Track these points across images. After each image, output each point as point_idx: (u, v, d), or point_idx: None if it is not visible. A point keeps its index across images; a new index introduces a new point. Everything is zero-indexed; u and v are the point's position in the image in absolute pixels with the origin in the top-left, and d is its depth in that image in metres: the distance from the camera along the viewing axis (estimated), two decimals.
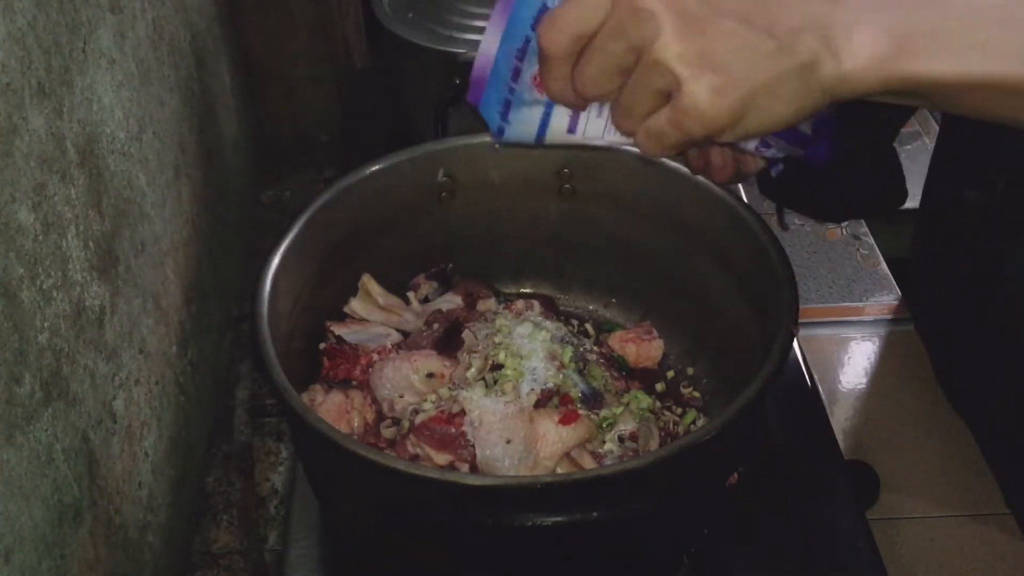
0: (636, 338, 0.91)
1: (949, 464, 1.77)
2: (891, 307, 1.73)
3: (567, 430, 0.73)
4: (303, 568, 0.80)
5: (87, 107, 0.69)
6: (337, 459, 0.64)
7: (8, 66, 0.57)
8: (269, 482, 0.93)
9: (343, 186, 0.84)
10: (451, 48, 1.07)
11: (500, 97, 0.57)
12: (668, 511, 0.66)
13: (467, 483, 0.62)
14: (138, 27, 0.83)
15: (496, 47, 0.56)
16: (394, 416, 0.80)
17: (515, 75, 0.56)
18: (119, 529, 0.71)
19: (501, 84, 0.57)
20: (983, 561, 1.62)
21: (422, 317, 0.89)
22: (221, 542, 0.88)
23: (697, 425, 0.84)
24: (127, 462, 0.73)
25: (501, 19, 0.56)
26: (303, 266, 0.80)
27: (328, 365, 0.83)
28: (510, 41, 0.56)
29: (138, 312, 0.78)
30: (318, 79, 1.35)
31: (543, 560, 0.68)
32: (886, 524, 1.67)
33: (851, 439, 1.79)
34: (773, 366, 0.66)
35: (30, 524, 0.57)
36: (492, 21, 0.56)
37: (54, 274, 0.62)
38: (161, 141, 0.87)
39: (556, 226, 0.93)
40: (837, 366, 1.81)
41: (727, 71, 0.49)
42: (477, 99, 0.58)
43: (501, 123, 0.58)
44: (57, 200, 0.63)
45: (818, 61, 0.48)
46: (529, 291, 0.98)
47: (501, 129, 0.58)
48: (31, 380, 0.58)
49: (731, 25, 0.49)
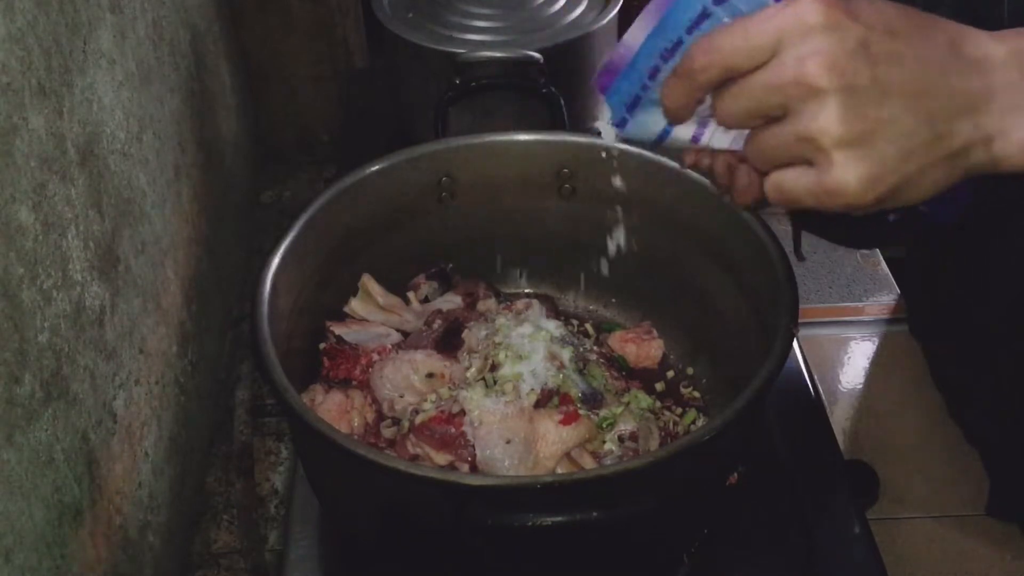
0: (636, 338, 0.91)
1: (949, 464, 1.76)
2: (891, 307, 1.73)
3: (567, 430, 0.73)
4: (303, 568, 0.80)
5: (87, 107, 0.69)
6: (337, 459, 0.64)
7: (8, 66, 0.57)
8: (269, 482, 0.93)
9: (343, 186, 0.84)
10: (451, 48, 1.07)
11: (631, 91, 0.56)
12: (668, 511, 0.66)
13: (467, 483, 0.62)
14: (138, 27, 0.83)
15: (641, 41, 0.54)
16: (394, 416, 0.80)
17: (653, 73, 0.54)
18: (119, 529, 0.71)
19: (636, 78, 0.55)
20: (983, 561, 1.62)
21: (422, 317, 0.89)
22: (221, 542, 0.88)
23: (697, 425, 0.84)
24: (127, 462, 0.73)
25: (655, 15, 0.54)
26: (303, 266, 0.80)
27: (328, 365, 0.83)
28: (658, 39, 0.54)
29: (138, 312, 0.78)
30: (318, 79, 1.35)
31: (543, 560, 0.68)
32: (886, 524, 1.66)
33: (851, 439, 1.79)
34: (773, 366, 0.66)
35: (30, 524, 0.57)
36: (644, 15, 0.54)
37: (54, 274, 0.62)
38: (161, 141, 0.87)
39: (556, 226, 0.93)
40: (837, 366, 1.81)
41: (882, 161, 0.47)
42: (606, 87, 0.57)
43: (625, 115, 0.57)
44: (57, 200, 0.63)
45: (970, 148, 0.48)
46: (529, 291, 0.98)
47: (624, 121, 0.57)
48: (31, 380, 0.58)
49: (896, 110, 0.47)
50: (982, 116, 0.48)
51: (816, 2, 0.48)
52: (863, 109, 0.47)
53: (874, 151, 0.47)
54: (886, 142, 0.47)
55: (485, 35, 1.13)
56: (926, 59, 0.48)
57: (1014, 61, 0.48)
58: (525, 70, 1.03)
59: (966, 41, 0.48)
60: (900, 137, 0.47)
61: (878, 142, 0.47)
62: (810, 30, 0.47)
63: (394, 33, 1.10)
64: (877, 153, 0.47)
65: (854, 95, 0.47)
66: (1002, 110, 0.47)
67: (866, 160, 0.47)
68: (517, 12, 1.16)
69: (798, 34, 0.47)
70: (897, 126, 0.47)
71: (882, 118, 0.47)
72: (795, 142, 0.48)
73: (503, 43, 1.10)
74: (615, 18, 1.12)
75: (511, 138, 0.90)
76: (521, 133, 0.90)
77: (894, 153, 0.47)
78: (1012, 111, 0.47)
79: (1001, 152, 0.48)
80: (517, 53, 1.03)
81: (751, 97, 0.49)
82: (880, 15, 0.48)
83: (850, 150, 0.47)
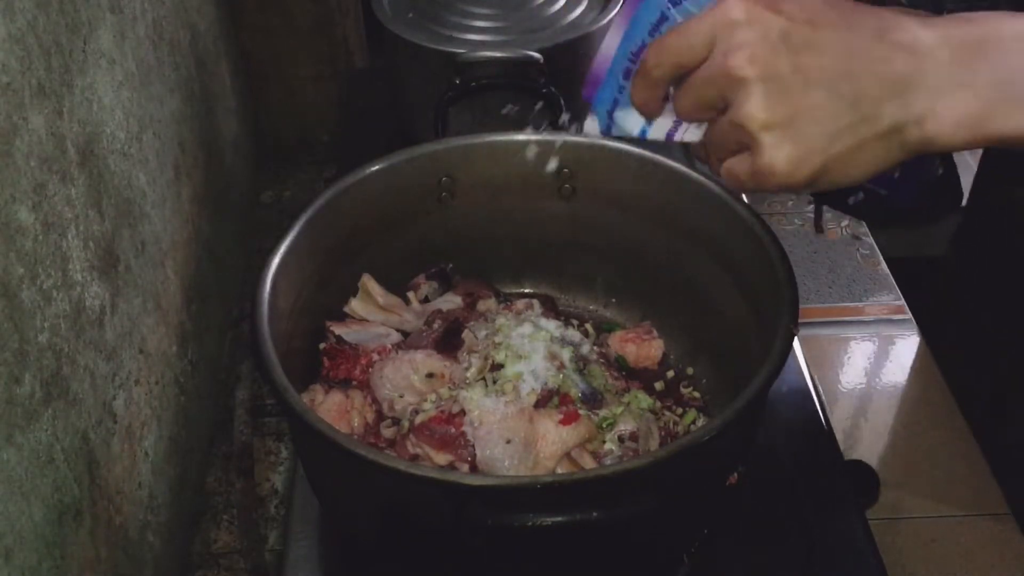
0: (636, 338, 0.91)
1: (949, 464, 1.77)
2: (891, 307, 1.73)
3: (567, 430, 0.73)
4: (303, 568, 0.80)
5: (87, 107, 0.69)
6: (337, 459, 0.64)
7: (8, 66, 0.57)
8: (269, 482, 0.93)
9: (343, 186, 0.84)
10: (451, 48, 1.07)
11: (611, 96, 0.60)
12: (668, 511, 0.66)
13: (467, 483, 0.62)
14: (138, 27, 0.83)
15: (617, 46, 0.59)
16: (394, 416, 0.80)
17: (627, 75, 0.58)
18: (119, 529, 0.71)
19: (614, 83, 0.59)
20: (983, 561, 1.62)
21: (422, 317, 0.89)
22: (221, 542, 0.88)
23: (697, 425, 0.84)
24: (127, 462, 0.73)
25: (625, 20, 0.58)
26: (303, 266, 0.80)
27: (328, 365, 0.83)
28: (627, 42, 0.58)
29: (138, 312, 0.78)
30: (318, 79, 1.36)
31: (543, 560, 0.68)
32: (886, 524, 1.67)
33: (851, 439, 1.79)
34: (773, 366, 0.66)
35: (30, 524, 0.57)
36: (616, 21, 0.59)
37: (54, 274, 0.62)
38: (161, 141, 0.87)
39: (556, 226, 0.93)
40: (837, 366, 1.81)
41: (807, 142, 0.51)
42: (591, 96, 0.60)
43: (608, 122, 0.61)
44: (57, 200, 0.63)
45: (901, 127, 0.50)
46: (529, 291, 0.98)
47: (608, 128, 0.61)
48: (31, 380, 0.58)
49: (818, 96, 0.50)
50: (911, 97, 0.49)
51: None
52: (785, 95, 0.50)
53: (798, 133, 0.50)
54: (809, 124, 0.50)
55: (485, 35, 1.13)
56: (848, 46, 0.50)
57: (944, 44, 0.49)
58: (525, 70, 1.03)
59: (895, 28, 0.50)
60: (823, 120, 0.50)
61: (801, 125, 0.50)
62: (735, 25, 0.51)
63: (394, 33, 1.10)
64: (801, 135, 0.50)
65: (775, 82, 0.50)
66: (931, 91, 0.49)
67: (790, 141, 0.51)
68: (517, 12, 1.16)
69: (725, 30, 0.52)
70: (819, 110, 0.50)
71: (804, 103, 0.50)
72: (731, 129, 0.52)
73: (503, 43, 1.10)
74: (615, 18, 1.12)
75: (511, 138, 0.90)
76: (521, 133, 0.90)
77: (818, 134, 0.50)
78: (941, 91, 0.49)
79: (933, 131, 0.50)
80: (517, 53, 1.03)
81: (694, 91, 0.54)
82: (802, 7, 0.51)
83: (775, 133, 0.51)
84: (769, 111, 0.51)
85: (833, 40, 0.51)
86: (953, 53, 0.49)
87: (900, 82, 0.50)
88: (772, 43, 0.50)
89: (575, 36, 1.09)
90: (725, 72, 0.51)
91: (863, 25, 0.51)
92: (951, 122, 0.49)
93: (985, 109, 0.49)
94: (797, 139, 0.51)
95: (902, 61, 0.50)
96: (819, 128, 0.51)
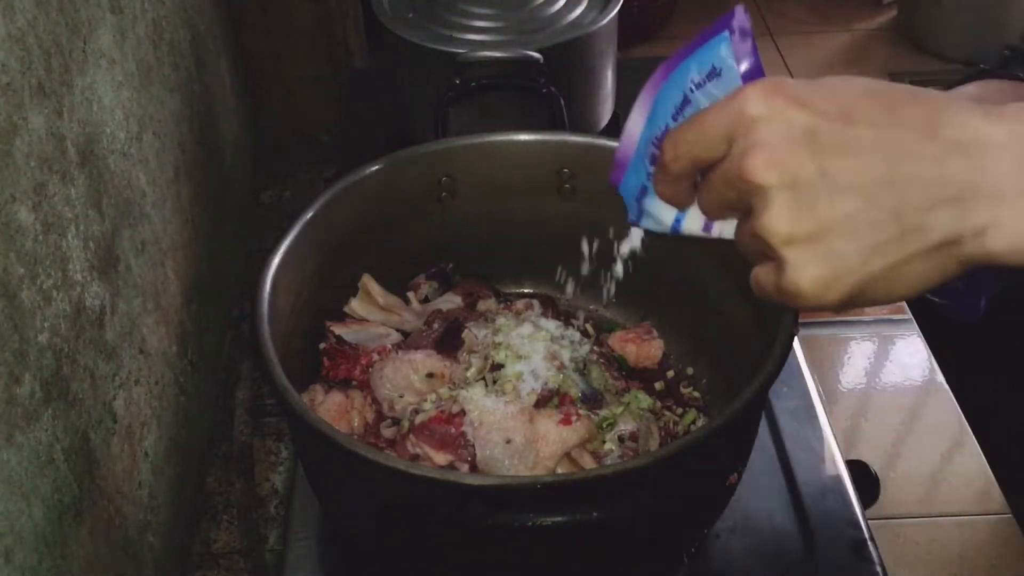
0: (636, 338, 0.91)
1: (949, 464, 1.76)
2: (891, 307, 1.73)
3: (567, 430, 0.73)
4: (303, 568, 0.80)
5: (87, 107, 0.69)
6: (337, 459, 0.64)
7: (8, 66, 0.57)
8: (269, 482, 0.93)
9: (343, 186, 0.84)
10: (451, 48, 1.07)
11: (639, 182, 0.55)
12: (668, 511, 0.66)
13: (467, 483, 0.62)
14: (138, 27, 0.83)
15: (640, 130, 0.54)
16: (394, 416, 0.80)
17: (653, 160, 0.53)
18: (119, 529, 0.71)
19: (641, 168, 0.54)
20: (983, 561, 1.62)
21: (422, 317, 0.89)
22: (221, 542, 0.88)
23: (697, 425, 0.84)
24: (127, 462, 0.73)
25: (647, 102, 0.53)
26: (303, 266, 0.80)
27: (328, 365, 0.83)
28: (651, 127, 0.53)
29: (138, 312, 0.78)
30: (318, 79, 1.35)
31: (543, 560, 0.68)
32: (886, 524, 1.67)
33: (851, 439, 1.79)
34: (773, 366, 0.66)
35: (30, 524, 0.57)
36: (639, 102, 0.54)
37: (54, 274, 0.62)
38: (161, 141, 0.87)
39: (556, 226, 0.93)
40: (837, 366, 1.81)
41: (838, 261, 0.44)
42: (618, 181, 0.56)
43: (639, 210, 0.55)
44: (57, 200, 0.63)
45: (956, 240, 0.43)
46: (529, 291, 0.98)
47: (639, 216, 0.56)
48: (31, 380, 0.58)
49: (850, 206, 0.43)
50: (968, 205, 0.42)
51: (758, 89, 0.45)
52: (811, 205, 0.43)
53: (828, 250, 0.44)
54: (841, 240, 0.44)
55: (485, 35, 1.13)
56: (890, 145, 0.43)
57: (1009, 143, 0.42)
58: (525, 70, 1.03)
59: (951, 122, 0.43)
60: (858, 234, 0.43)
61: (831, 241, 0.44)
62: (753, 122, 0.44)
63: (394, 33, 1.10)
64: (831, 253, 0.44)
65: (799, 190, 0.43)
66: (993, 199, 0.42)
67: (819, 260, 0.44)
68: (517, 12, 1.16)
69: (742, 126, 0.45)
70: (853, 222, 0.43)
71: (835, 214, 0.43)
72: (751, 239, 0.46)
73: (503, 43, 1.10)
74: (615, 18, 1.12)
75: (511, 138, 0.90)
76: (521, 133, 0.90)
77: (852, 251, 0.44)
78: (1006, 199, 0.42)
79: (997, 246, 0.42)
80: (517, 53, 1.03)
81: (715, 191, 0.48)
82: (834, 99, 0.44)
83: (801, 250, 0.44)
84: (792, 224, 0.44)
85: (871, 139, 0.43)
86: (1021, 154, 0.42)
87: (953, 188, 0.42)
88: (796, 143, 0.43)
89: (575, 36, 1.09)
90: (742, 176, 0.45)
91: (910, 120, 0.43)
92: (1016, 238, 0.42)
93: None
94: (826, 257, 0.44)
95: (958, 163, 0.42)
96: (853, 244, 0.43)
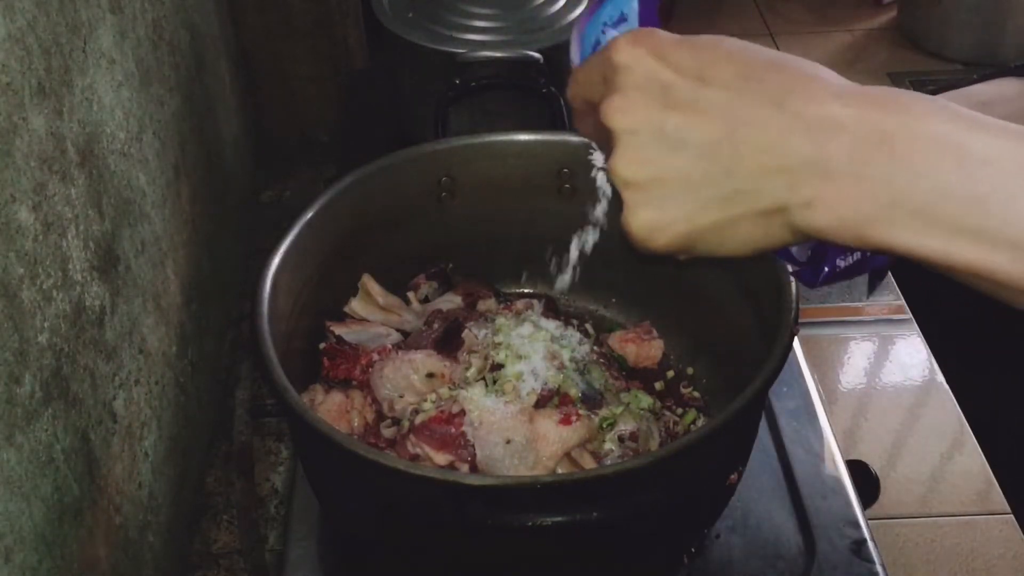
0: (636, 338, 0.91)
1: (949, 464, 1.77)
2: (891, 307, 1.73)
3: (567, 430, 0.73)
4: (303, 568, 0.80)
5: (87, 107, 0.69)
6: (337, 459, 0.64)
7: (8, 66, 0.57)
8: (269, 482, 0.93)
9: (343, 186, 0.84)
10: (451, 48, 1.07)
11: None
12: (668, 511, 0.66)
13: (467, 483, 0.62)
14: (138, 27, 0.83)
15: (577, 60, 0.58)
16: (394, 416, 0.80)
17: None
18: (119, 529, 0.71)
19: None
20: (983, 561, 1.62)
21: (422, 317, 0.89)
22: (221, 542, 0.88)
23: (697, 425, 0.84)
24: (127, 462, 0.73)
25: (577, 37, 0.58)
26: (303, 266, 0.80)
27: (328, 365, 0.83)
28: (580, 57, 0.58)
29: (138, 312, 0.78)
30: (318, 79, 1.35)
31: (543, 560, 0.68)
32: (886, 524, 1.67)
33: (851, 439, 1.79)
34: (773, 366, 0.66)
35: (30, 524, 0.57)
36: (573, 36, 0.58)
37: (54, 274, 0.62)
38: (161, 141, 0.87)
39: (556, 226, 0.93)
40: (837, 366, 1.81)
41: (665, 211, 0.46)
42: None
43: None
44: (57, 200, 0.63)
45: (784, 208, 0.44)
46: (529, 291, 0.98)
47: None
48: (31, 380, 0.58)
49: (684, 160, 0.45)
50: (800, 177, 0.43)
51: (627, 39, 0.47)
52: (650, 154, 0.46)
53: (659, 198, 0.46)
54: (673, 191, 0.46)
55: (485, 35, 1.13)
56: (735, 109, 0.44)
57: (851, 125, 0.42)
58: (525, 70, 1.03)
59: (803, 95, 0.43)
60: (690, 187, 0.45)
61: (664, 190, 0.46)
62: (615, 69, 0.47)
63: (394, 33, 1.10)
64: (662, 201, 0.46)
65: (642, 138, 0.46)
66: (824, 175, 0.42)
67: (649, 206, 0.47)
68: (517, 12, 1.16)
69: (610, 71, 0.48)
70: (686, 175, 0.45)
71: (670, 166, 0.45)
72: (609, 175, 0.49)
73: (503, 43, 1.10)
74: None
75: (511, 138, 0.90)
76: (521, 133, 0.90)
77: (682, 203, 0.46)
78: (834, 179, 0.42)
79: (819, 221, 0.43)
80: (517, 53, 1.03)
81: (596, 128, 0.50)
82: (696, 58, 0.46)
83: (635, 194, 0.47)
84: (631, 169, 0.46)
85: (719, 101, 0.45)
86: (860, 138, 0.42)
87: (791, 158, 0.43)
88: (647, 94, 0.46)
89: None
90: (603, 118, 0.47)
91: (765, 87, 0.44)
92: (836, 216, 0.43)
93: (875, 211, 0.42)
94: (656, 205, 0.46)
95: (798, 136, 0.43)
96: (683, 196, 0.46)
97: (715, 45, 0.46)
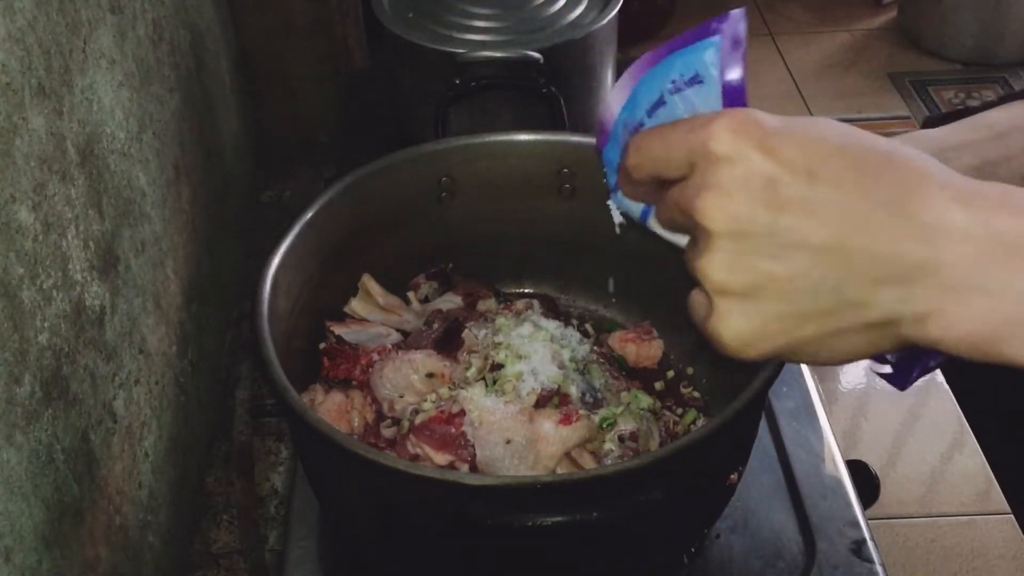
0: (636, 338, 0.91)
1: (949, 464, 1.77)
2: None
3: (567, 430, 0.73)
4: (303, 568, 0.80)
5: (87, 107, 0.69)
6: (337, 459, 0.64)
7: (8, 66, 0.57)
8: (269, 482, 0.93)
9: (343, 186, 0.84)
10: (451, 48, 1.07)
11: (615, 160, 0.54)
12: (668, 511, 0.66)
13: (467, 483, 0.62)
14: (138, 27, 0.83)
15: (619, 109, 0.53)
16: (394, 416, 0.80)
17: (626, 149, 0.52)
18: (119, 529, 0.71)
19: (616, 148, 0.54)
20: (983, 561, 1.62)
21: (422, 317, 0.89)
22: (221, 542, 0.88)
23: (697, 425, 0.84)
24: (127, 462, 0.73)
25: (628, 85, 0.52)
26: (303, 266, 0.80)
27: (328, 365, 0.83)
28: (627, 113, 0.52)
29: (138, 312, 0.78)
30: (318, 79, 1.35)
31: (543, 560, 0.68)
32: (886, 524, 1.67)
33: (851, 439, 1.79)
34: (773, 366, 0.66)
35: (30, 524, 0.57)
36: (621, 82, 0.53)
37: (54, 274, 0.62)
38: (161, 141, 0.87)
39: (556, 226, 0.93)
40: (837, 366, 1.81)
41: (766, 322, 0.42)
42: (602, 147, 0.56)
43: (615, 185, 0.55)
44: (57, 200, 0.63)
45: (895, 321, 0.41)
46: (529, 291, 0.98)
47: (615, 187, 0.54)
48: (31, 380, 0.58)
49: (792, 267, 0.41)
50: (916, 289, 0.40)
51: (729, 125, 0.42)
52: (752, 259, 0.42)
53: (759, 309, 0.42)
54: (776, 302, 0.42)
55: (485, 35, 1.13)
56: (851, 211, 0.41)
57: (975, 233, 0.39)
58: (525, 70, 1.03)
59: (919, 198, 0.40)
60: (795, 298, 0.42)
61: (765, 300, 0.42)
62: (716, 160, 0.42)
63: (394, 33, 1.10)
64: (762, 312, 0.42)
65: (744, 242, 0.42)
66: (943, 288, 0.40)
67: (747, 316, 0.43)
68: (517, 12, 1.16)
69: (703, 160, 0.43)
70: (792, 285, 0.41)
71: (775, 273, 0.41)
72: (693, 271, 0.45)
73: (503, 43, 1.10)
74: (615, 18, 1.12)
75: (511, 138, 0.90)
76: (521, 133, 0.90)
77: (785, 315, 0.42)
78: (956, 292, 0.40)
79: (935, 335, 0.41)
80: (517, 53, 1.03)
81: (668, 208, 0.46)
82: (804, 151, 0.41)
83: (731, 301, 0.43)
84: (727, 274, 0.42)
85: (831, 200, 0.41)
86: (984, 247, 0.39)
87: (905, 268, 0.40)
88: (753, 193, 0.41)
89: (575, 36, 1.09)
90: (692, 211, 0.43)
91: (878, 187, 0.41)
92: (959, 331, 0.40)
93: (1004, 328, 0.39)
94: (756, 315, 0.42)
95: (915, 243, 0.40)
96: (787, 308, 0.42)
97: (823, 135, 0.42)
